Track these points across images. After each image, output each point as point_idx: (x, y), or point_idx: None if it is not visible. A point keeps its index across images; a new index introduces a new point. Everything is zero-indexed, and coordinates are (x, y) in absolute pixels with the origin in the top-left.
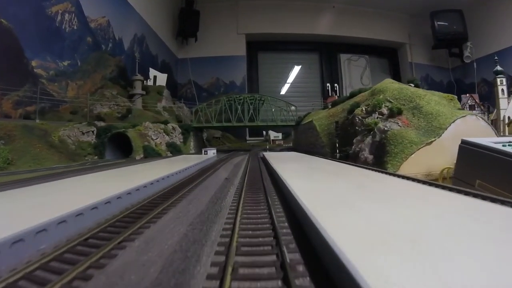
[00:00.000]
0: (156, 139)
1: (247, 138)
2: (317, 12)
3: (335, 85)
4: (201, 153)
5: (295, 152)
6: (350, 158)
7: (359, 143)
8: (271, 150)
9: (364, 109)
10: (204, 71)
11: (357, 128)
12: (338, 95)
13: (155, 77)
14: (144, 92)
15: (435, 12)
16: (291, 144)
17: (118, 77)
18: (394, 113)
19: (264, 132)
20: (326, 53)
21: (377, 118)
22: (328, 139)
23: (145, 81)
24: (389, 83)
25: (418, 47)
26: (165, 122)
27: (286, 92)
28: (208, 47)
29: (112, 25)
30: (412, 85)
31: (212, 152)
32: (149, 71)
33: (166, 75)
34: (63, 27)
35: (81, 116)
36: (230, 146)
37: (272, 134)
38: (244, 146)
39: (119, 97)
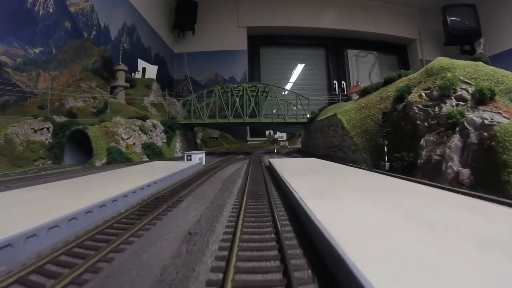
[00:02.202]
0: (127, 138)
1: (248, 138)
2: (323, 4)
3: (342, 82)
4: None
5: (315, 159)
6: (420, 170)
7: (437, 147)
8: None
9: (423, 94)
10: (202, 66)
11: (418, 122)
12: (346, 93)
13: (144, 69)
14: (127, 85)
15: (446, 7)
16: (299, 146)
17: (102, 69)
18: (486, 98)
19: (268, 132)
20: (333, 49)
21: (455, 105)
22: (364, 140)
23: (132, 74)
24: (448, 60)
25: (428, 43)
26: (144, 118)
27: (290, 90)
28: (207, 40)
29: (96, 10)
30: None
31: (198, 158)
32: (139, 62)
33: (156, 66)
34: (36, 9)
35: (50, 111)
36: (228, 148)
37: (276, 134)
38: (245, 147)
39: (98, 89)
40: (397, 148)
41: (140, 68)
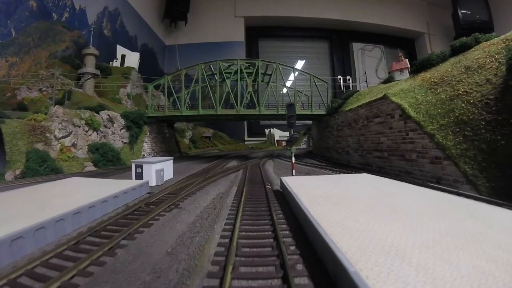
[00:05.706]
0: (63, 137)
1: (246, 138)
2: None
3: (348, 77)
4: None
5: (378, 178)
6: None
7: None
8: (278, 156)
9: None
10: (195, 59)
11: None
12: (351, 88)
13: (123, 56)
14: (97, 72)
15: None
16: (303, 146)
17: (75, 56)
18: None
19: (268, 131)
20: (337, 41)
21: None
22: (461, 140)
23: (110, 62)
24: None
25: (437, 37)
26: (97, 109)
27: (290, 85)
28: (200, 31)
29: None
30: None
31: (154, 170)
32: (117, 49)
33: (138, 54)
34: None
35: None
36: (221, 149)
37: (277, 134)
38: (241, 148)
39: (61, 77)
40: None
41: (119, 56)
